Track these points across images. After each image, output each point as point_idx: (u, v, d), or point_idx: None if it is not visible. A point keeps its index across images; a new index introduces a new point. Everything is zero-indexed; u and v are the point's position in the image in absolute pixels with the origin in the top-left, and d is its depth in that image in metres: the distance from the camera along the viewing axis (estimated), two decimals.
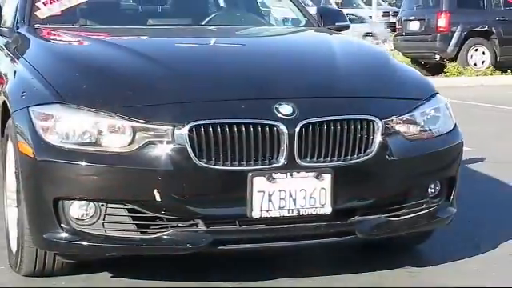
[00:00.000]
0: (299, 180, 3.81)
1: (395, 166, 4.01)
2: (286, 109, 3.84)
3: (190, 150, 3.71)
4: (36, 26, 5.07)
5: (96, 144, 3.79)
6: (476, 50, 17.18)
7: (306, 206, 3.84)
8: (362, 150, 3.92)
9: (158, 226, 3.83)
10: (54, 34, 4.96)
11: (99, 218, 3.83)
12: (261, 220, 3.82)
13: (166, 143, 3.74)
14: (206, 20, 5.60)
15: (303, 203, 3.83)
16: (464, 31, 17.00)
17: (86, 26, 5.18)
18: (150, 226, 3.84)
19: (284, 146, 3.78)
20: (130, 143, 3.77)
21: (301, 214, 3.85)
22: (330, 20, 5.66)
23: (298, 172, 3.81)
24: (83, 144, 3.80)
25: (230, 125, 3.75)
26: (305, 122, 3.82)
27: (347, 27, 5.75)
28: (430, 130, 4.22)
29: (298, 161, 3.80)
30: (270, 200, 3.79)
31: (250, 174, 3.75)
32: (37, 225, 3.92)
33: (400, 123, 4.07)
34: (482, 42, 17.17)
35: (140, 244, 3.84)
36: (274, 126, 3.79)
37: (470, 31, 17.06)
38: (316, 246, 4.25)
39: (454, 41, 16.90)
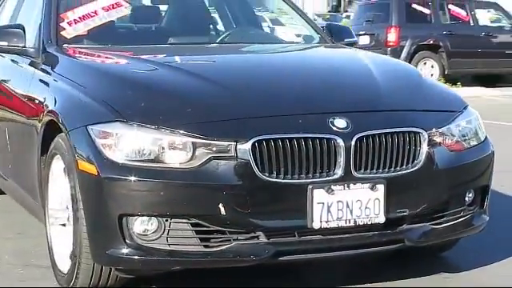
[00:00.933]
0: (355, 191, 3.96)
1: (439, 175, 4.18)
2: (340, 123, 3.99)
3: (253, 164, 3.83)
4: (64, 45, 5.11)
5: (159, 160, 3.87)
6: (425, 63, 17.58)
7: (362, 216, 3.98)
8: (411, 161, 4.08)
9: (220, 239, 3.92)
10: (93, 54, 5.02)
11: (163, 233, 3.90)
12: (320, 231, 3.95)
13: (229, 158, 3.84)
14: (223, 37, 5.73)
15: (359, 213, 3.97)
16: (413, 45, 17.40)
17: (115, 46, 5.22)
18: (212, 240, 3.92)
19: (341, 159, 3.92)
20: (193, 159, 3.85)
21: (357, 223, 3.99)
22: (339, 36, 5.82)
23: (354, 183, 3.95)
24: (147, 161, 3.87)
25: (290, 139, 3.88)
26: (359, 135, 3.97)
27: (355, 43, 5.92)
28: (465, 140, 4.40)
29: (354, 173, 3.95)
30: (328, 211, 3.93)
31: (310, 187, 3.88)
32: (99, 241, 3.97)
33: (441, 135, 4.24)
34: (430, 55, 17.59)
35: (204, 257, 3.92)
36: (330, 139, 3.93)
37: (419, 45, 17.47)
38: (368, 255, 4.38)
39: (403, 55, 17.27)
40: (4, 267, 4.88)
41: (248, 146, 3.83)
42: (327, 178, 3.91)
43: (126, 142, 3.90)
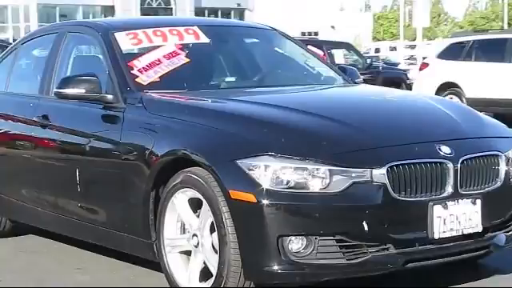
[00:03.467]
0: (462, 206, 4.73)
1: None
2: (445, 149, 4.75)
3: (388, 186, 4.53)
4: (146, 91, 5.57)
5: (304, 187, 4.49)
6: None
7: (467, 226, 4.75)
8: (495, 178, 4.92)
9: (359, 252, 4.57)
10: (190, 97, 5.48)
11: (313, 250, 4.51)
12: (437, 240, 4.69)
13: (366, 183, 4.52)
14: (281, 80, 6.35)
15: (465, 224, 4.74)
16: None
17: (192, 91, 5.71)
18: (353, 253, 4.57)
19: (450, 179, 4.69)
20: (331, 185, 4.50)
21: (463, 233, 4.76)
22: (350, 77, 6.60)
23: (462, 199, 4.73)
24: (297, 188, 4.47)
25: (414, 164, 4.62)
26: (463, 158, 4.76)
27: (362, 82, 6.72)
28: None
29: (460, 190, 4.73)
30: (444, 223, 4.67)
31: (431, 204, 4.62)
32: (255, 260, 4.52)
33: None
34: None
35: (347, 268, 4.56)
36: (442, 163, 4.69)
37: None
38: (465, 259, 5.11)
39: None
40: None
41: (383, 171, 4.52)
42: (442, 196, 4.66)
43: (276, 172, 4.48)
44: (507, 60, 16.54)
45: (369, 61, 22.12)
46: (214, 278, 4.74)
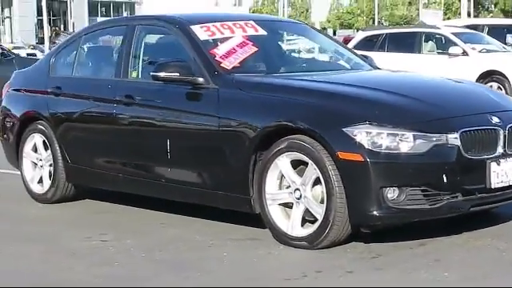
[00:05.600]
0: (509, 163, 5.71)
1: None
2: (496, 119, 5.71)
3: (461, 147, 5.47)
4: (235, 74, 6.32)
5: (397, 148, 5.38)
6: None
7: (511, 179, 5.75)
8: None
9: (437, 199, 5.48)
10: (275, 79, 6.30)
11: (404, 198, 5.41)
12: (493, 190, 5.66)
13: (445, 145, 5.44)
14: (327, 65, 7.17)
15: (511, 178, 5.74)
16: None
17: (270, 74, 6.52)
18: (433, 200, 5.48)
19: (501, 142, 5.66)
20: (422, 146, 5.40)
21: (509, 184, 5.75)
22: (370, 63, 7.49)
23: (509, 158, 5.71)
24: (391, 149, 5.36)
25: (477, 130, 5.57)
26: (509, 126, 5.73)
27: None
28: None
29: (507, 150, 5.71)
30: (497, 177, 5.65)
31: (488, 161, 5.59)
32: (360, 208, 5.39)
33: None
34: None
35: (429, 212, 5.47)
36: (495, 129, 5.66)
37: None
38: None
39: None
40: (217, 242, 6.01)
41: (457, 135, 5.45)
42: (495, 155, 5.63)
43: (374, 137, 5.35)
44: (416, 51, 17.77)
45: None
46: (319, 222, 5.55)
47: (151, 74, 6.45)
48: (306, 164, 5.63)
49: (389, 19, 74.31)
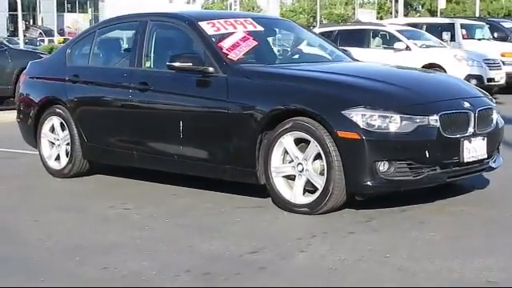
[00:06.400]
0: (478, 141, 6.10)
1: (500, 130, 6.45)
2: (466, 104, 6.11)
3: (440, 128, 5.84)
4: (241, 64, 6.61)
5: (387, 128, 5.73)
6: None
7: (479, 154, 6.14)
8: (491, 123, 6.32)
9: (420, 172, 5.86)
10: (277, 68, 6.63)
11: (393, 170, 5.77)
12: (465, 163, 6.06)
13: (427, 126, 5.81)
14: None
15: (479, 153, 6.12)
16: None
17: (271, 64, 6.83)
18: (416, 172, 5.86)
19: (472, 123, 6.06)
20: (408, 127, 5.76)
21: (478, 159, 6.15)
22: (349, 56, 7.83)
23: (477, 137, 6.10)
24: (382, 129, 5.71)
25: (453, 113, 5.96)
26: (478, 109, 6.13)
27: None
28: None
29: (476, 131, 6.11)
30: (469, 152, 6.05)
31: (462, 139, 5.99)
32: (356, 178, 5.73)
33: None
34: None
35: (413, 182, 5.85)
36: (467, 112, 6.06)
37: None
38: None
39: None
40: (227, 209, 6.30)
41: (437, 117, 5.83)
42: (467, 134, 6.03)
43: (368, 119, 5.70)
44: (365, 46, 18.20)
45: None
46: (319, 191, 5.89)
47: (167, 63, 6.69)
48: (306, 142, 5.95)
49: (328, 17, 74.91)
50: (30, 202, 6.84)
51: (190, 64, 6.56)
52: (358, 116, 5.70)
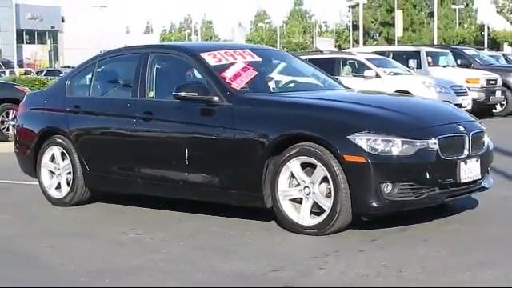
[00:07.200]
0: (472, 162, 6.49)
1: (491, 153, 6.87)
2: (462, 128, 6.51)
3: (439, 150, 6.22)
4: (244, 94, 6.94)
5: (390, 152, 6.10)
6: None
7: (473, 175, 6.54)
8: (482, 146, 6.73)
9: (420, 192, 6.22)
10: (280, 96, 6.98)
11: (396, 191, 6.12)
12: (461, 184, 6.44)
13: (427, 149, 6.19)
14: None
15: (474, 174, 6.51)
16: None
17: (272, 93, 7.18)
18: (417, 192, 6.23)
19: (467, 146, 6.46)
20: (409, 150, 6.13)
21: (472, 179, 6.54)
22: (342, 84, 8.21)
23: (472, 158, 6.50)
24: (385, 152, 6.08)
25: (450, 137, 6.35)
26: (471, 133, 6.54)
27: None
28: None
29: (471, 153, 6.51)
30: (465, 173, 6.44)
31: (458, 161, 6.37)
32: (362, 200, 6.07)
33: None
34: None
35: (414, 203, 6.21)
36: (463, 136, 6.46)
37: None
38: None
39: None
40: (234, 232, 6.58)
41: (435, 141, 6.21)
42: (463, 156, 6.42)
43: (372, 143, 6.06)
44: (336, 74, 18.67)
45: None
46: (327, 213, 6.21)
47: (173, 93, 6.98)
48: (312, 166, 6.28)
49: (286, 46, 75.82)
50: (39, 230, 7.05)
51: (196, 94, 6.87)
52: (363, 140, 6.05)
